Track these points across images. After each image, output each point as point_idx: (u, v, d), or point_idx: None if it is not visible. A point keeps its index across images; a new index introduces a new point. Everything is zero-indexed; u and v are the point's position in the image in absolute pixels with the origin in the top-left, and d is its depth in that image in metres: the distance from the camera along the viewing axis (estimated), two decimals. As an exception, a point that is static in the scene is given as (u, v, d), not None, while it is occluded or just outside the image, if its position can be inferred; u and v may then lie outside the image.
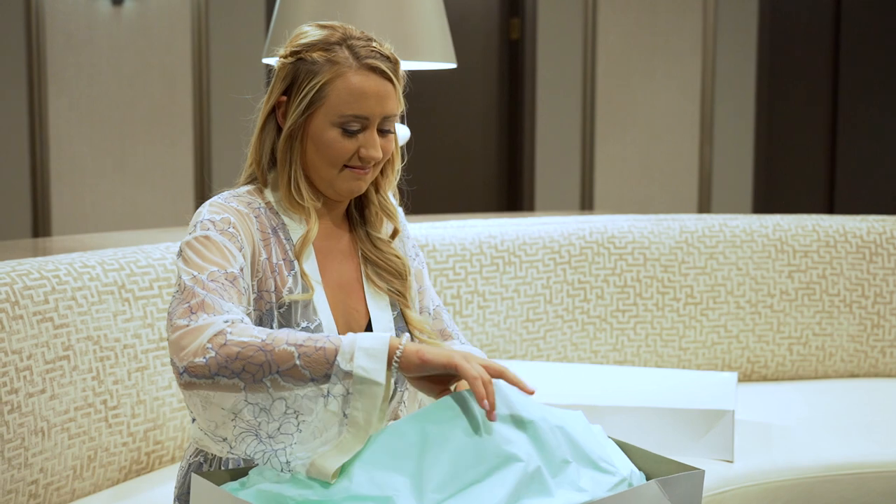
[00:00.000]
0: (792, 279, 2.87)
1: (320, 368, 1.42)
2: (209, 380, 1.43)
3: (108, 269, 2.09)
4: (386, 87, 1.66)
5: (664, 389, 2.36)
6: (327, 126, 1.65)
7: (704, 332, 2.83)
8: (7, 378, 1.84)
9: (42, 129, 4.88)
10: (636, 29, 5.67)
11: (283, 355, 1.42)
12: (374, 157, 1.67)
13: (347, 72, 1.64)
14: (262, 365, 1.42)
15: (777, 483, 2.22)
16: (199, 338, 1.45)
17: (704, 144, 5.76)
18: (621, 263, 2.80)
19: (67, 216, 4.98)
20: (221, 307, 1.50)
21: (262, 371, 1.42)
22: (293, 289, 1.65)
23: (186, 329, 1.46)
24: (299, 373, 1.42)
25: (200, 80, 5.07)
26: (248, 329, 1.46)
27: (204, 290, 1.51)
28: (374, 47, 1.67)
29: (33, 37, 4.82)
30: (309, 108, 1.65)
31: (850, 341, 2.90)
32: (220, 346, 1.43)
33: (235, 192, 1.70)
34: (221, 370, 1.43)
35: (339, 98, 1.64)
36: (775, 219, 2.93)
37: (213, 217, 1.61)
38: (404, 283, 1.77)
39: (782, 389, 2.78)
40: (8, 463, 1.83)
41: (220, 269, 1.55)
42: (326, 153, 1.66)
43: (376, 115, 1.66)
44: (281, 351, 1.42)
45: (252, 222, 1.65)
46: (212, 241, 1.58)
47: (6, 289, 1.89)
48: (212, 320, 1.47)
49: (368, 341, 1.44)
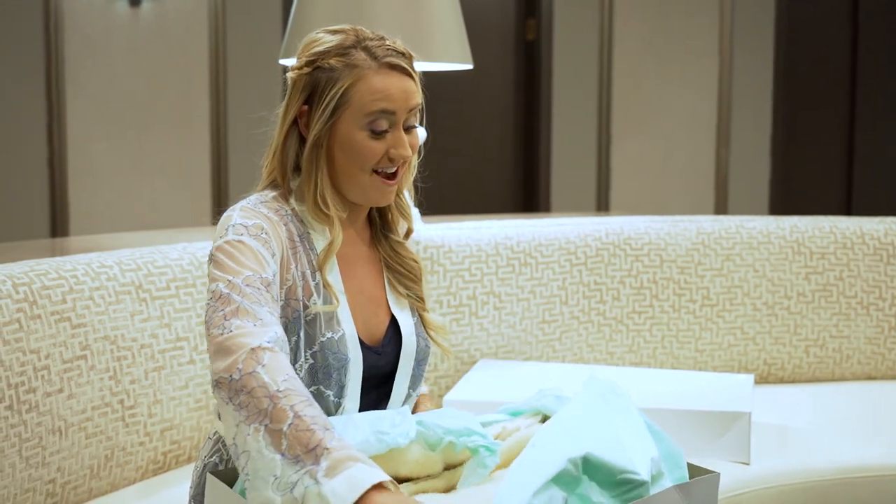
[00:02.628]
0: (809, 281, 2.86)
1: (297, 449, 1.33)
2: (226, 402, 1.40)
3: (126, 269, 2.10)
4: (407, 82, 1.67)
5: (680, 391, 2.36)
6: (355, 129, 1.65)
7: (721, 334, 2.83)
8: (25, 377, 1.85)
9: (60, 130, 4.91)
10: (653, 30, 5.66)
11: (279, 416, 1.35)
12: (403, 155, 1.67)
13: (368, 73, 1.64)
14: (260, 412, 1.36)
15: (793, 486, 2.21)
16: (234, 354, 1.41)
17: (721, 145, 5.75)
18: (638, 265, 2.79)
19: (85, 216, 5.00)
20: (257, 314, 1.47)
21: (257, 417, 1.36)
22: (317, 300, 1.65)
23: (221, 339, 1.43)
24: (277, 441, 1.34)
25: (217, 80, 5.09)
26: (278, 370, 1.40)
27: (240, 296, 1.48)
28: (389, 45, 1.68)
29: (51, 38, 4.84)
30: (334, 115, 1.65)
31: (868, 343, 2.88)
32: (248, 373, 1.39)
33: (262, 198, 1.68)
34: (233, 397, 1.39)
35: (363, 100, 1.64)
36: (792, 220, 2.92)
37: (246, 222, 1.59)
38: (420, 286, 1.79)
39: (799, 392, 2.77)
40: (26, 462, 1.84)
41: (256, 273, 1.52)
42: (356, 157, 1.66)
43: (402, 110, 1.66)
44: (280, 409, 1.36)
45: (282, 229, 1.64)
46: (246, 246, 1.55)
47: (24, 288, 1.90)
48: (248, 331, 1.43)
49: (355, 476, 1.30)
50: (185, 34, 5.04)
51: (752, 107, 5.79)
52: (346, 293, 1.69)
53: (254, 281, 1.51)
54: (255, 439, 1.35)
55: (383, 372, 1.72)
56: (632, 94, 5.68)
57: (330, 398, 1.65)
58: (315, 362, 1.63)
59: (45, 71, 4.85)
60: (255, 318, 1.46)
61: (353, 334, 1.67)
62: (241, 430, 1.37)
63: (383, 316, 1.74)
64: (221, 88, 5.09)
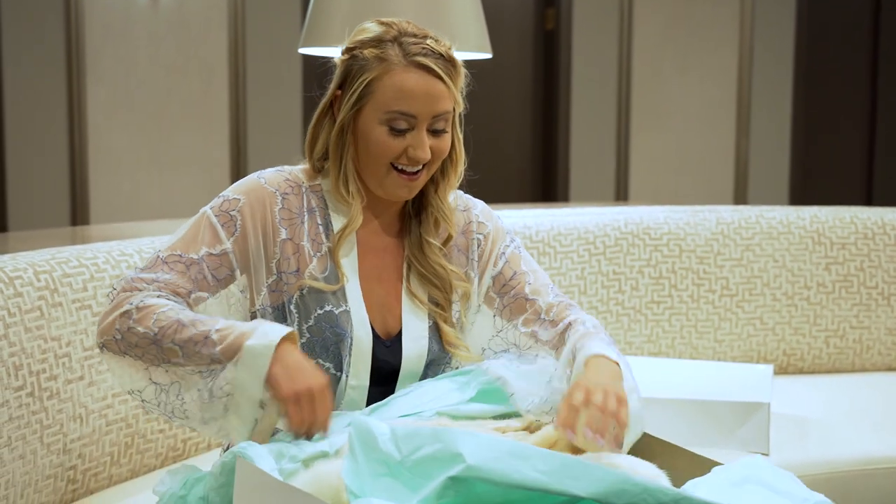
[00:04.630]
0: (829, 271, 2.85)
1: (201, 365, 1.56)
2: (119, 356, 1.59)
3: (145, 258, 2.10)
4: (436, 85, 1.64)
5: (699, 381, 2.36)
6: (374, 123, 1.64)
7: (740, 325, 2.82)
8: (46, 364, 1.87)
9: (80, 120, 4.93)
10: (672, 19, 5.64)
11: (170, 353, 1.56)
12: (420, 157, 1.65)
13: (395, 69, 1.63)
14: (156, 356, 1.57)
15: (812, 476, 2.20)
16: (111, 315, 1.58)
17: (741, 135, 5.72)
18: (656, 255, 2.78)
19: (105, 205, 5.02)
20: (147, 288, 1.60)
21: (157, 360, 1.57)
22: (316, 274, 1.66)
23: (108, 307, 1.60)
24: (185, 367, 1.57)
25: (237, 71, 5.10)
26: (148, 316, 1.56)
27: (149, 271, 1.61)
28: (428, 45, 1.65)
29: (72, 28, 4.86)
30: (357, 104, 1.65)
31: (888, 334, 2.87)
32: (125, 330, 1.57)
33: (282, 169, 1.72)
34: (128, 351, 1.58)
35: (384, 95, 1.63)
36: (812, 210, 2.91)
37: (227, 196, 1.67)
38: (446, 295, 1.73)
39: (819, 382, 2.76)
40: (47, 448, 1.86)
41: (185, 253, 1.63)
42: (373, 151, 1.65)
43: (424, 114, 1.64)
44: (168, 349, 1.55)
45: (276, 202, 1.66)
46: (206, 220, 1.65)
47: (46, 276, 1.91)
48: (126, 297, 1.59)
49: (250, 359, 1.53)
50: (205, 24, 5.06)
51: (772, 96, 5.76)
52: (361, 278, 1.69)
53: (175, 259, 1.62)
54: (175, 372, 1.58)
55: (392, 367, 1.70)
56: (651, 83, 5.66)
57: (331, 370, 1.66)
58: (312, 336, 1.65)
59: (65, 61, 4.87)
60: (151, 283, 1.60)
61: (363, 315, 1.67)
62: (154, 370, 1.59)
63: (399, 312, 1.72)
64: (241, 78, 5.10)
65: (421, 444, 1.34)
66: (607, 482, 1.28)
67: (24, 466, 1.81)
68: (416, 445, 1.35)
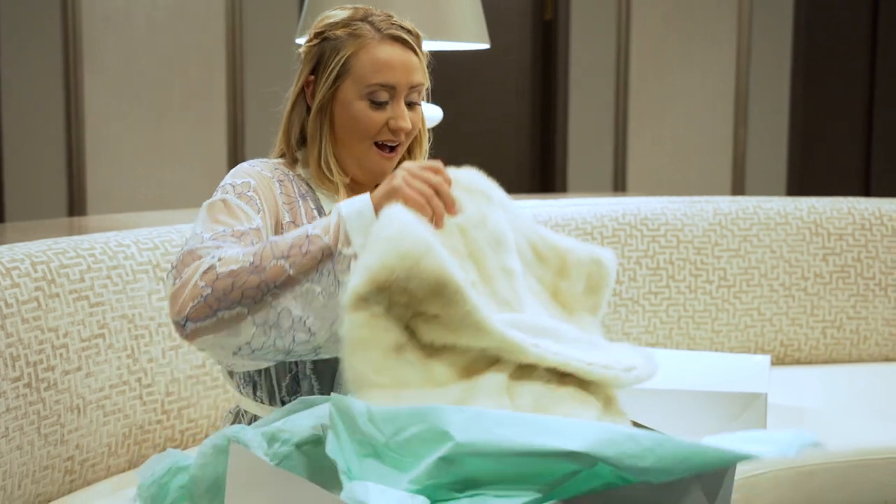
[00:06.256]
0: (826, 262, 2.85)
1: (312, 270, 1.44)
2: (212, 318, 1.43)
3: (143, 249, 2.11)
4: (410, 57, 1.69)
5: (696, 372, 2.36)
6: (355, 98, 1.68)
7: (737, 315, 2.82)
8: (44, 355, 1.87)
9: (78, 109, 4.92)
10: (671, 10, 5.63)
11: (276, 271, 1.44)
12: (403, 127, 1.68)
13: (370, 43, 1.68)
14: (259, 286, 1.43)
15: (810, 467, 2.21)
16: (189, 282, 1.44)
17: (739, 126, 5.72)
18: (654, 245, 2.79)
19: (102, 195, 5.02)
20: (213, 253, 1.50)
21: (260, 291, 1.43)
22: None
23: (179, 283, 1.46)
24: (295, 281, 1.44)
25: (234, 60, 5.09)
26: (234, 255, 1.45)
27: (201, 246, 1.50)
28: (395, 21, 1.71)
29: (69, 16, 4.85)
30: (336, 82, 1.68)
31: (885, 325, 2.87)
32: (213, 280, 1.43)
33: (265, 160, 1.74)
34: (221, 304, 1.43)
35: (364, 69, 1.67)
36: (810, 201, 2.91)
37: (234, 181, 1.65)
38: None
39: (816, 373, 2.76)
40: (45, 439, 1.86)
41: (228, 227, 1.56)
42: (355, 126, 1.68)
43: (403, 83, 1.68)
44: (272, 268, 1.44)
45: (275, 186, 1.68)
46: (226, 204, 1.60)
47: (43, 267, 1.91)
48: (198, 263, 1.47)
49: (355, 221, 1.45)
50: (203, 14, 5.04)
51: (770, 87, 5.76)
52: None
53: (222, 234, 1.54)
54: (280, 297, 1.43)
55: None
56: (649, 74, 5.65)
57: None
58: None
59: (62, 50, 4.86)
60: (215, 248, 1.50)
61: None
62: (257, 313, 1.43)
63: None
64: (238, 68, 5.09)
65: (403, 424, 1.32)
66: (594, 434, 1.28)
67: (22, 457, 1.81)
68: (399, 426, 1.32)
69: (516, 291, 1.53)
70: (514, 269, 1.54)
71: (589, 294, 1.71)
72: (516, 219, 1.65)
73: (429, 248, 1.37)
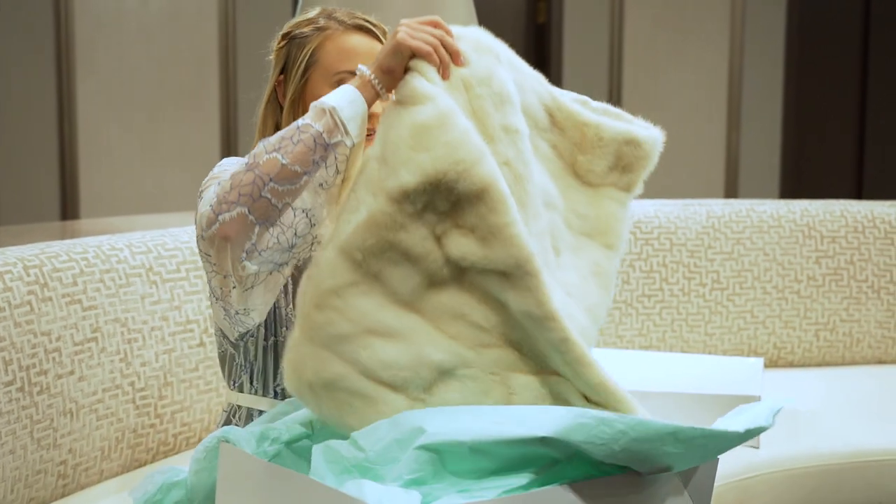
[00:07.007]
0: (819, 265, 2.85)
1: (307, 160, 1.43)
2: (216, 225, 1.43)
3: (136, 252, 2.10)
4: (375, 45, 1.72)
5: (690, 375, 2.36)
6: (324, 87, 1.69)
7: (731, 318, 2.82)
8: (36, 359, 1.86)
9: (70, 112, 4.91)
10: (663, 12, 5.64)
11: (269, 165, 1.43)
12: (373, 112, 1.67)
13: (335, 33, 1.71)
14: (254, 182, 1.42)
15: (803, 469, 2.21)
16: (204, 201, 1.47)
17: (732, 129, 5.73)
18: (647, 248, 2.79)
19: (95, 198, 5.01)
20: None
21: (256, 187, 1.42)
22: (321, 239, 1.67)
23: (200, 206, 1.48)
24: (291, 172, 1.43)
25: (227, 62, 5.09)
26: (231, 168, 1.50)
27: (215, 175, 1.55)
28: (358, 14, 1.75)
29: (62, 18, 4.84)
30: (305, 74, 1.71)
31: (878, 327, 2.88)
32: (217, 191, 1.44)
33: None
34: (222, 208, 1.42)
35: (330, 57, 1.70)
36: (803, 204, 2.91)
37: (230, 160, 1.67)
38: None
39: (809, 376, 2.76)
40: (37, 444, 1.85)
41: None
42: None
43: None
44: (266, 162, 1.43)
45: None
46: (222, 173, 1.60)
47: (35, 271, 1.90)
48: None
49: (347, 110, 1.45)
50: (196, 17, 5.04)
51: (763, 90, 5.77)
52: None
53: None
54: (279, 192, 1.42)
55: None
56: (642, 76, 5.66)
57: None
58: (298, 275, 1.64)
59: (55, 53, 4.85)
60: None
61: None
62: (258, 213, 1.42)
63: None
64: (231, 72, 5.09)
65: (381, 435, 1.34)
66: (564, 420, 1.29)
67: (15, 462, 1.81)
68: (377, 438, 1.34)
69: (521, 151, 1.50)
70: (519, 128, 1.52)
71: (621, 172, 1.68)
72: (527, 79, 1.62)
73: (483, 155, 1.38)
